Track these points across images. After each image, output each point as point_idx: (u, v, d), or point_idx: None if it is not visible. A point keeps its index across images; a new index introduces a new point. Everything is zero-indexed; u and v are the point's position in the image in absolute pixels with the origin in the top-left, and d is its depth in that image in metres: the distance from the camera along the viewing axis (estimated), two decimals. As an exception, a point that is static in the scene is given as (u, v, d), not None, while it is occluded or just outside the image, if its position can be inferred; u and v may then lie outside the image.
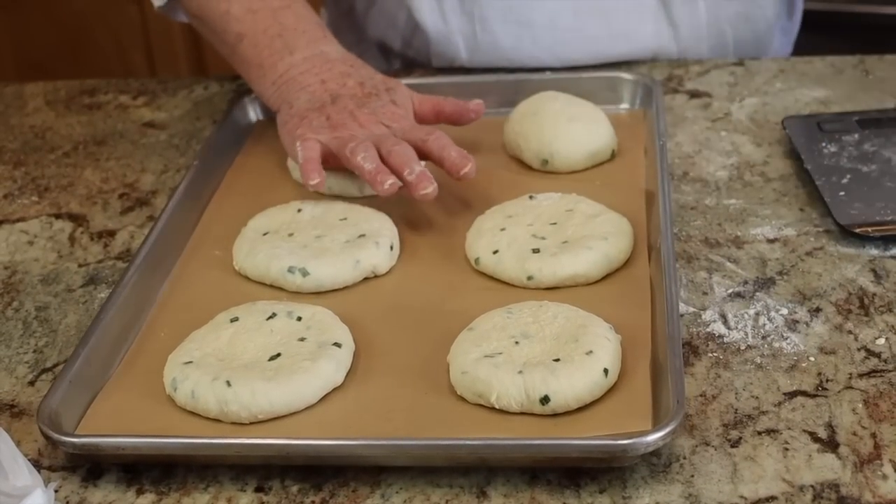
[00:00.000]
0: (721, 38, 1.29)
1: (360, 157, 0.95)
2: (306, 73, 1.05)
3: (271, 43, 1.07)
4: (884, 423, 0.76)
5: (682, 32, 1.27)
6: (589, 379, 0.76)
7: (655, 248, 0.90)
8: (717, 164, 1.07)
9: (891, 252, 0.92)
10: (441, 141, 0.97)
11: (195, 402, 0.77)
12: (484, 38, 1.26)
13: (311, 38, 1.08)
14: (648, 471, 0.73)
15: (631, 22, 1.25)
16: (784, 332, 0.85)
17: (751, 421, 0.77)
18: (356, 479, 0.74)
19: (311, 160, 0.96)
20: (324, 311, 0.85)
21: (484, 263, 0.90)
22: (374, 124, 1.01)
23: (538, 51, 1.25)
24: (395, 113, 1.02)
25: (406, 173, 0.93)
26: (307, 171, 0.95)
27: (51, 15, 2.47)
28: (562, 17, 1.24)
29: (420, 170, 0.94)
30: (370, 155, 0.95)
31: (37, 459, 0.78)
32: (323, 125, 1.00)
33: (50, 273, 0.98)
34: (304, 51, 1.07)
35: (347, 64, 1.07)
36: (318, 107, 1.02)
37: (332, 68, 1.06)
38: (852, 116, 1.10)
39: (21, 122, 1.25)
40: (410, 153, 0.95)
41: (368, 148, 0.96)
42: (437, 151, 0.96)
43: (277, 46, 1.07)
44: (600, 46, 1.25)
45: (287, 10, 1.09)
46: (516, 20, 1.25)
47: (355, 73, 1.06)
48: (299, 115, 1.02)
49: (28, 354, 0.88)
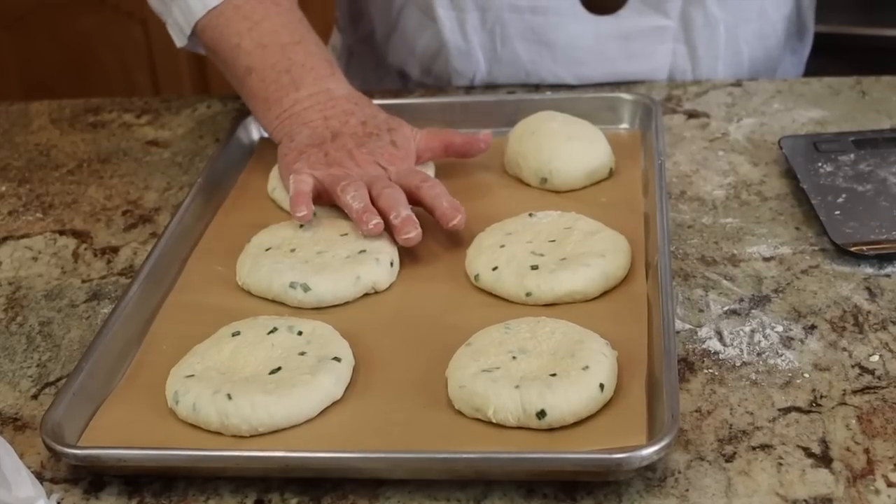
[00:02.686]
0: (737, 56, 1.31)
1: (349, 195, 0.96)
2: (310, 109, 1.07)
3: (278, 78, 1.08)
4: (877, 438, 0.77)
5: (700, 52, 1.29)
6: (585, 394, 0.76)
7: (653, 265, 0.90)
8: (715, 184, 1.08)
9: (885, 270, 0.93)
10: (434, 190, 0.98)
11: (196, 414, 0.78)
12: (504, 53, 1.28)
13: (318, 76, 1.08)
14: (644, 485, 0.74)
15: (650, 44, 1.27)
16: (779, 348, 0.86)
17: (745, 436, 0.77)
18: (355, 492, 0.75)
19: (301, 193, 0.97)
20: (324, 326, 0.86)
21: (483, 280, 0.91)
22: (371, 164, 1.01)
23: (557, 68, 1.26)
24: (393, 154, 1.03)
25: (392, 216, 0.94)
26: (295, 203, 0.96)
27: (56, 35, 2.49)
28: (583, 40, 1.26)
29: (406, 214, 0.94)
30: (360, 194, 0.96)
31: (39, 471, 0.78)
32: (320, 161, 1.01)
33: (54, 289, 0.99)
34: (310, 87, 1.07)
35: (352, 102, 1.08)
36: (318, 143, 1.03)
37: (336, 105, 1.07)
38: (848, 137, 1.11)
39: (26, 140, 1.26)
40: (400, 197, 0.96)
41: (359, 188, 0.97)
42: (430, 200, 0.97)
43: (284, 82, 1.08)
44: (617, 67, 1.27)
45: (297, 45, 1.10)
46: (537, 40, 1.27)
47: (359, 112, 1.07)
48: (298, 150, 1.03)
49: (31, 369, 0.89)
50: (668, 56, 1.29)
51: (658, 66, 1.29)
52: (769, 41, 1.33)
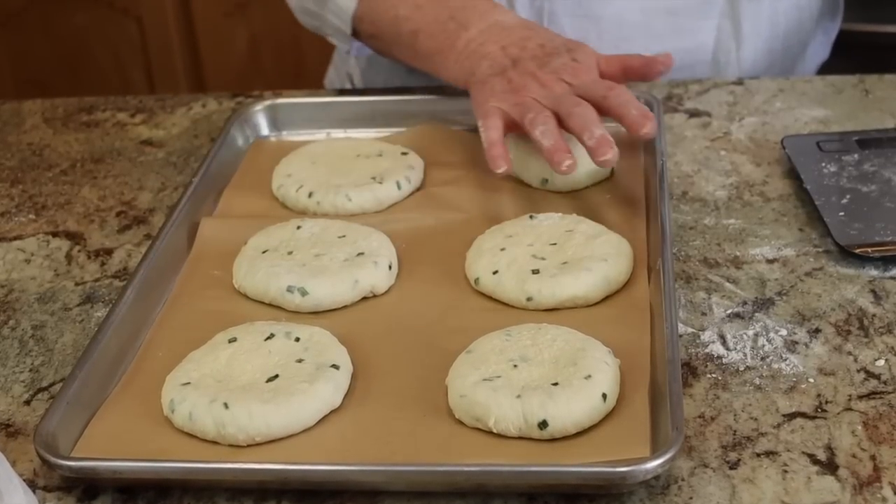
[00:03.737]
0: (775, 29, 1.31)
1: (538, 130, 0.95)
2: (485, 44, 1.06)
3: (445, 27, 1.09)
4: (883, 445, 0.75)
5: (745, 29, 1.29)
6: (587, 404, 0.75)
7: (655, 269, 0.89)
8: (717, 184, 1.07)
9: (890, 273, 0.92)
10: (622, 97, 0.96)
11: (193, 424, 0.77)
12: (551, 28, 1.26)
13: (482, 11, 1.09)
14: (647, 493, 0.73)
15: (696, 18, 1.27)
16: (783, 353, 0.84)
17: (749, 443, 0.76)
18: (353, 500, 0.74)
19: (494, 143, 0.96)
20: (322, 332, 0.84)
21: (483, 284, 0.90)
22: (556, 83, 1.01)
23: (602, 46, 1.25)
24: (576, 68, 1.02)
25: (586, 137, 0.93)
26: (492, 156, 0.96)
27: (50, 32, 2.47)
28: (629, 14, 1.26)
29: (599, 134, 0.93)
30: (549, 129, 0.95)
31: (32, 479, 0.77)
32: (504, 89, 1.01)
33: (46, 292, 0.98)
34: (478, 24, 1.08)
35: (527, 28, 1.08)
36: (500, 71, 1.03)
37: (511, 33, 1.07)
38: (852, 136, 1.10)
39: (18, 140, 1.24)
40: (591, 115, 0.95)
41: (547, 120, 0.96)
42: (617, 108, 0.96)
43: (451, 28, 1.08)
44: (664, 43, 1.25)
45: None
46: (584, 14, 1.26)
47: (535, 36, 1.07)
48: (481, 82, 1.03)
49: (24, 373, 0.88)
50: (713, 32, 1.28)
51: (703, 41, 1.28)
52: (803, 13, 1.33)
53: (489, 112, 1.00)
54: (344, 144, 1.11)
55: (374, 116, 1.17)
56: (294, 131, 1.17)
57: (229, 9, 2.45)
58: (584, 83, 1.00)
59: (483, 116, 1.00)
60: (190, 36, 2.48)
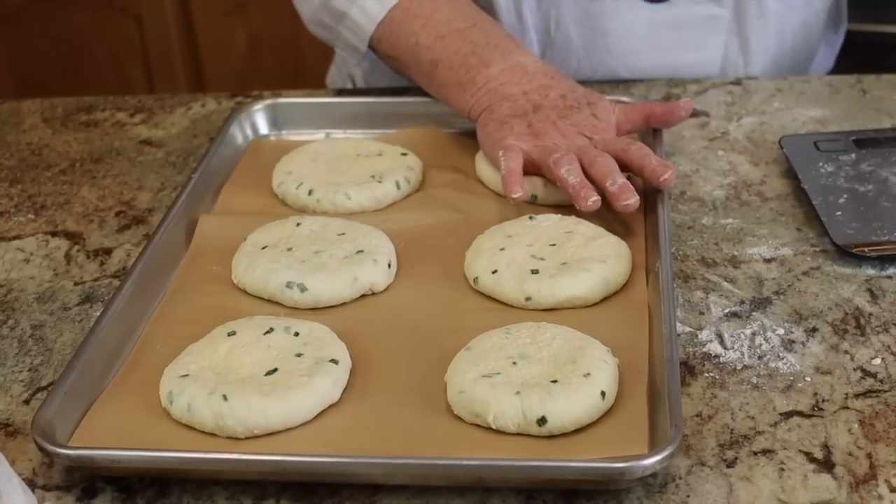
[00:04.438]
0: (783, 46, 1.31)
1: (563, 169, 0.96)
2: (507, 84, 1.06)
3: (465, 61, 1.08)
4: (879, 443, 0.76)
5: (753, 44, 1.29)
6: (586, 401, 0.76)
7: (653, 270, 0.90)
8: (715, 184, 1.07)
9: (887, 272, 0.92)
10: (641, 151, 0.98)
11: (191, 415, 0.77)
12: (558, 36, 1.27)
13: (505, 51, 1.09)
14: (644, 491, 0.73)
15: (703, 33, 1.27)
16: (780, 352, 0.85)
17: (747, 441, 0.77)
18: (352, 497, 0.74)
19: (513, 171, 0.97)
20: (321, 328, 0.85)
21: (483, 283, 0.90)
22: (576, 135, 1.02)
23: (611, 59, 1.26)
24: (596, 125, 1.03)
25: (608, 184, 0.95)
26: (510, 182, 0.96)
27: (49, 31, 2.47)
28: (637, 27, 1.26)
29: (622, 182, 0.95)
30: (574, 168, 0.96)
31: (31, 478, 0.77)
32: (524, 132, 1.01)
33: (46, 291, 0.98)
34: (500, 63, 1.07)
35: (548, 76, 1.08)
36: (521, 114, 1.03)
37: (533, 80, 1.07)
38: (849, 136, 1.10)
39: (18, 140, 1.25)
40: (613, 165, 0.96)
41: (572, 161, 0.97)
42: (638, 160, 0.97)
43: (472, 63, 1.08)
44: (670, 57, 1.27)
45: (474, 28, 1.10)
46: (591, 26, 1.26)
47: (556, 86, 1.07)
48: (500, 121, 1.03)
49: (23, 373, 0.88)
50: (720, 47, 1.28)
51: (710, 57, 1.29)
52: (811, 31, 1.33)
53: (510, 147, 1.00)
54: (345, 144, 1.11)
55: (373, 117, 1.17)
56: (293, 131, 1.17)
57: (229, 8, 2.45)
58: (604, 140, 1.02)
59: (504, 149, 0.99)
60: (189, 35, 2.48)
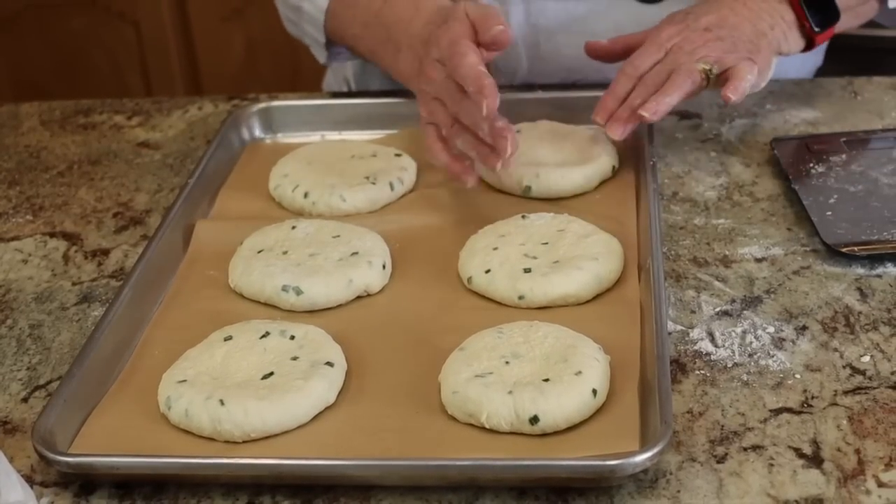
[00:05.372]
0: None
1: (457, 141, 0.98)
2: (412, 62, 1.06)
3: (385, 49, 1.10)
4: (868, 439, 0.77)
5: None
6: (578, 399, 0.76)
7: (645, 268, 0.90)
8: (707, 185, 1.08)
9: (876, 271, 0.93)
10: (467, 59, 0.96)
11: (189, 420, 0.78)
12: (547, 48, 1.27)
13: (406, 23, 1.08)
14: (635, 486, 0.74)
15: None
16: (770, 349, 0.86)
17: (737, 437, 0.77)
18: (347, 496, 0.75)
19: (447, 164, 1.00)
20: (316, 331, 0.85)
21: (476, 282, 0.91)
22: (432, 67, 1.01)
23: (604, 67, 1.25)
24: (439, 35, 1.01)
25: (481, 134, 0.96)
26: (454, 175, 0.99)
27: (47, 35, 2.48)
28: (627, 29, 1.23)
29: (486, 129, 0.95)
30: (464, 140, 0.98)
31: (29, 475, 0.78)
32: (422, 100, 1.02)
33: (44, 291, 0.99)
34: (405, 40, 1.08)
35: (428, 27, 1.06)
36: (417, 75, 1.04)
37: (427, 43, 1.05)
38: (840, 137, 1.11)
39: (16, 142, 1.25)
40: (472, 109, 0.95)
41: (456, 132, 0.98)
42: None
43: (390, 50, 1.10)
44: None
45: (384, 6, 1.11)
46: (580, 31, 1.24)
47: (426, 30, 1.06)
48: (420, 102, 1.04)
49: (21, 372, 0.89)
50: None
51: None
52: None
53: (425, 132, 1.01)
54: (339, 146, 1.12)
55: (368, 119, 1.18)
56: (289, 133, 1.18)
57: (226, 13, 2.46)
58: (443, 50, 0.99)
59: (427, 151, 1.01)
60: (187, 40, 2.48)
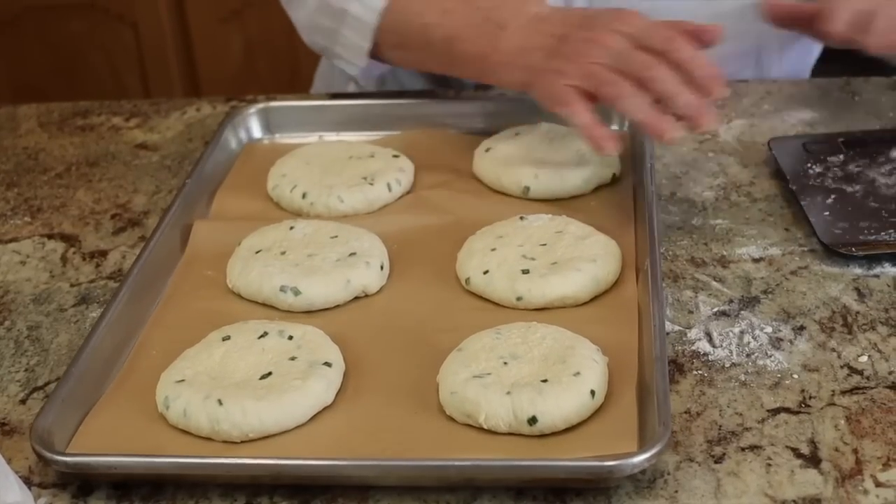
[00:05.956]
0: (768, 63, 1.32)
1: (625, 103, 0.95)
2: (530, 37, 1.03)
3: (481, 30, 1.05)
4: (865, 439, 0.77)
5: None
6: (576, 400, 0.76)
7: (643, 269, 0.90)
8: (704, 185, 1.08)
9: (874, 271, 0.93)
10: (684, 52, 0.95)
11: (187, 420, 0.78)
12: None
13: (515, 6, 1.05)
14: (633, 487, 0.74)
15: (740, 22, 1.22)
16: (768, 349, 0.86)
17: (734, 437, 0.77)
18: (344, 496, 0.75)
19: (589, 126, 0.95)
20: (314, 331, 0.85)
21: (474, 283, 0.91)
22: (610, 36, 0.97)
23: None
24: (622, 14, 0.99)
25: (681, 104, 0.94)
26: (595, 139, 0.95)
27: (45, 37, 2.48)
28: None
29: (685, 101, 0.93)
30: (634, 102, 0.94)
31: (27, 476, 0.78)
32: (565, 67, 0.98)
33: (42, 293, 0.99)
34: (515, 20, 1.04)
35: (564, 11, 1.05)
36: (553, 54, 1.00)
37: (551, 20, 1.03)
38: (838, 138, 1.11)
39: (14, 144, 1.25)
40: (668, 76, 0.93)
41: (621, 87, 0.94)
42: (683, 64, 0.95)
43: (489, 30, 1.04)
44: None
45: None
46: None
47: (575, 10, 1.05)
48: (540, 73, 0.99)
49: (19, 373, 0.89)
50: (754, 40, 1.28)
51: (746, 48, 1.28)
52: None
53: (563, 96, 0.96)
54: (337, 146, 1.12)
55: (365, 119, 1.18)
56: (287, 134, 1.18)
57: (224, 14, 2.46)
58: (640, 28, 0.97)
59: (561, 104, 0.96)
60: (185, 42, 2.49)
